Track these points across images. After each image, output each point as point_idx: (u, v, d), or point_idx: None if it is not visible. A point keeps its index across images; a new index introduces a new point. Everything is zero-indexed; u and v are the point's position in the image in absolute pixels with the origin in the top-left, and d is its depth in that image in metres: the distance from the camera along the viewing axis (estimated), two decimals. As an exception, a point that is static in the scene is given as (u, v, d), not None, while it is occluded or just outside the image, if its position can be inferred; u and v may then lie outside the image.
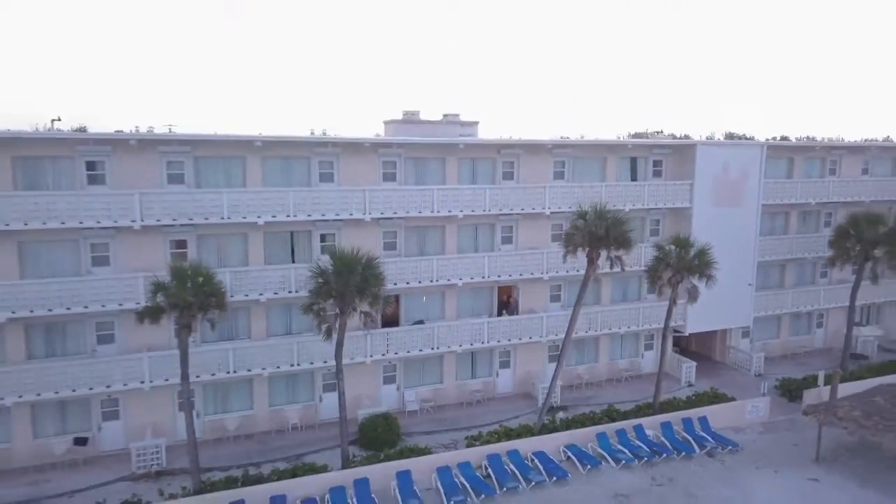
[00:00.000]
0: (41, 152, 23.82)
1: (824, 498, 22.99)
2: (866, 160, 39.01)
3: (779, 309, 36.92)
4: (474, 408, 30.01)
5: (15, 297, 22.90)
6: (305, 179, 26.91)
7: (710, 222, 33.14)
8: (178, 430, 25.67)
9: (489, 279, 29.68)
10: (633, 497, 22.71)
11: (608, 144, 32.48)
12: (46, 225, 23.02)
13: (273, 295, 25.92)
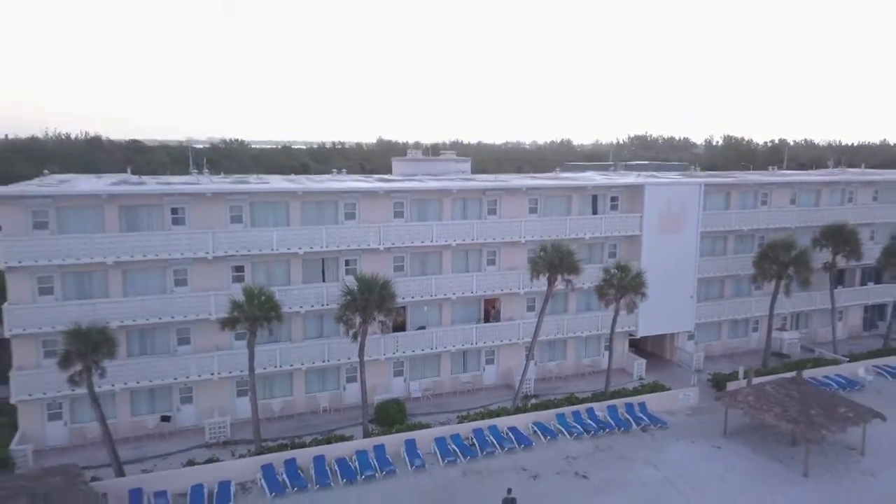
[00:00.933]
0: (138, 203, 31.85)
1: (722, 458, 31.00)
2: (794, 192, 46.93)
3: (718, 316, 44.88)
4: (465, 395, 38.01)
5: (121, 310, 30.96)
6: (333, 219, 34.93)
7: (657, 247, 41.14)
8: (238, 410, 33.77)
9: (477, 294, 37.72)
10: (579, 459, 30.70)
11: (573, 186, 40.38)
12: (144, 257, 31.13)
13: (310, 308, 33.98)
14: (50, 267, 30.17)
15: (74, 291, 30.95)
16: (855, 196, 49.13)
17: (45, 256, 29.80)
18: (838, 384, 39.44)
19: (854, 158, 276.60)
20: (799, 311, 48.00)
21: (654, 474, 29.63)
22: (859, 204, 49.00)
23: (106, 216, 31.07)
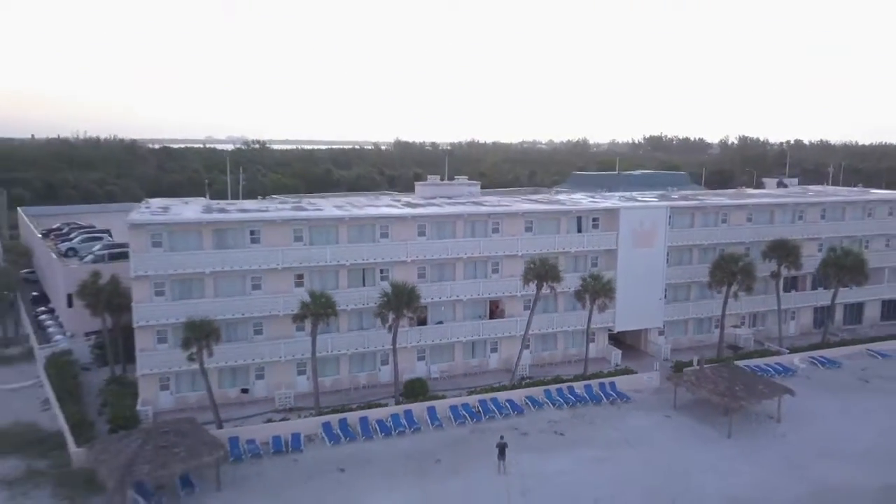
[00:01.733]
0: (225, 227, 42.24)
1: (669, 424, 40.80)
2: (749, 212, 56.38)
3: (684, 315, 54.51)
4: (473, 376, 48.03)
5: (213, 308, 41.33)
6: (371, 238, 45.10)
7: (631, 258, 50.88)
8: (298, 385, 44.07)
9: (483, 296, 47.78)
10: (559, 422, 40.66)
11: (561, 210, 50.20)
12: (231, 268, 41.56)
13: (353, 306, 44.18)
14: (163, 276, 40.67)
15: (180, 294, 41.45)
16: (805, 215, 58.47)
17: (160, 268, 40.33)
18: (775, 371, 48.98)
19: (867, 159, 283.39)
20: (756, 312, 57.40)
21: (615, 435, 39.53)
22: (808, 221, 58.38)
23: (203, 237, 41.52)
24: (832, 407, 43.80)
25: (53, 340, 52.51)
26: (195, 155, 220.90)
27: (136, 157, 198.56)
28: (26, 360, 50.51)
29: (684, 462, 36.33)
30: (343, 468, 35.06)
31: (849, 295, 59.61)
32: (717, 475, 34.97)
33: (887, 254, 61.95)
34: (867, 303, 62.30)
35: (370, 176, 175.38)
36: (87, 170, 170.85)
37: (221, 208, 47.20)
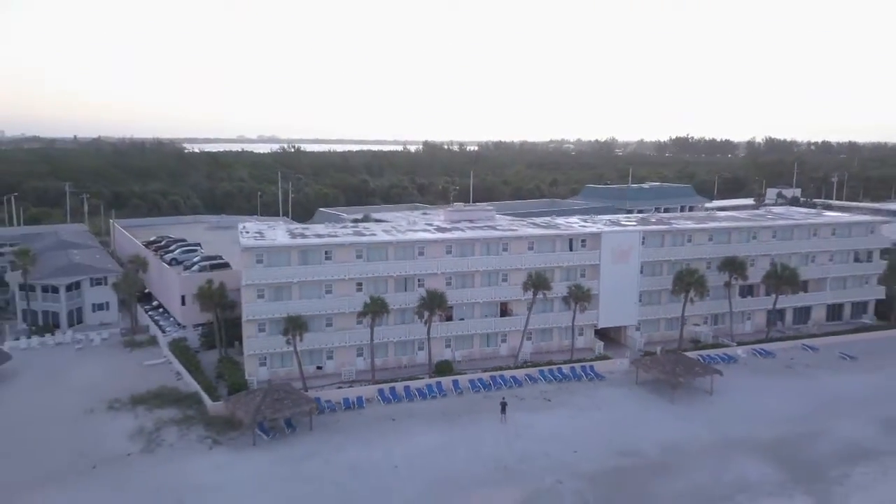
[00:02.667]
0: (306, 248, 58.68)
1: (630, 395, 56.06)
2: (710, 234, 71.17)
3: (656, 315, 69.45)
4: (487, 360, 63.75)
5: (298, 307, 57.72)
6: (412, 255, 61.15)
7: (611, 271, 66.14)
8: (357, 364, 60.32)
9: (495, 299, 63.52)
10: (547, 392, 56.28)
11: (555, 234, 65.62)
12: (311, 279, 58.01)
13: (397, 306, 60.25)
14: (263, 284, 57.22)
15: (275, 296, 57.94)
16: (758, 235, 73.05)
17: (261, 278, 56.90)
18: (721, 359, 63.87)
19: (886, 162, 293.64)
20: (716, 313, 72.04)
21: (588, 401, 55.01)
22: (761, 241, 72.93)
23: (291, 256, 58.04)
24: (756, 385, 58.71)
25: (167, 331, 69.59)
26: (238, 162, 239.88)
27: (187, 165, 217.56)
28: (151, 345, 67.65)
29: (634, 419, 51.74)
30: (394, 419, 51.20)
31: (797, 300, 74.35)
32: (655, 429, 50.28)
33: (830, 266, 76.06)
34: (814, 306, 76.50)
35: (402, 185, 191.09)
36: (147, 179, 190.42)
37: (301, 233, 63.74)
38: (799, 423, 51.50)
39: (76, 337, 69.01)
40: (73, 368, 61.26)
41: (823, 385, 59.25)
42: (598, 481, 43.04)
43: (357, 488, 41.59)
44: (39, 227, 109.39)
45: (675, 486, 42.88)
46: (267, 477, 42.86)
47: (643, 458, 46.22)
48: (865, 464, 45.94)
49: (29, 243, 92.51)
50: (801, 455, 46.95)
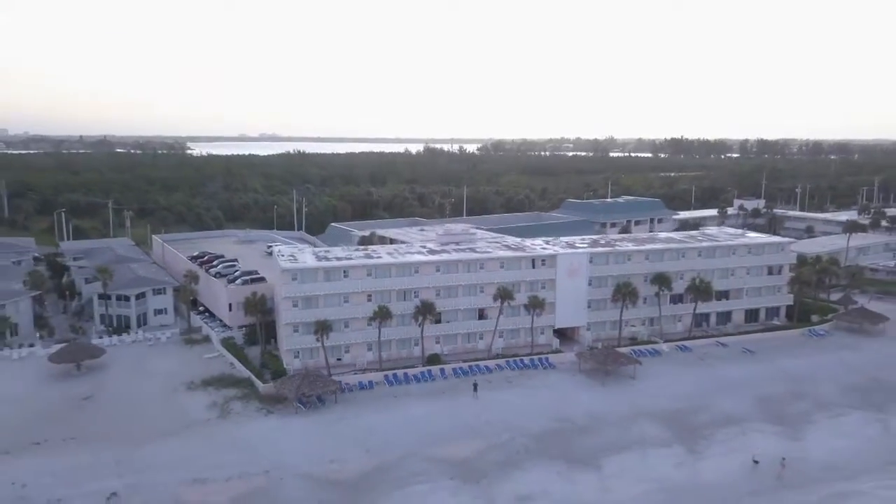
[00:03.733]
0: (330, 268, 78.13)
1: (572, 379, 75.47)
2: (647, 254, 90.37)
3: (602, 318, 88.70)
4: (468, 353, 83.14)
5: (324, 314, 77.04)
6: (409, 273, 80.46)
7: (566, 284, 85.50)
8: (367, 357, 79.71)
9: (474, 307, 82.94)
10: (511, 378, 75.69)
11: (522, 256, 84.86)
12: (333, 292, 77.44)
13: (399, 312, 79.46)
14: (297, 297, 76.61)
15: (305, 306, 77.30)
16: (686, 254, 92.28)
17: (295, 292, 76.30)
18: (649, 352, 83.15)
19: (865, 167, 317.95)
20: (652, 317, 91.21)
21: (540, 384, 74.38)
22: (688, 259, 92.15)
23: (318, 274, 77.39)
24: (670, 372, 78.06)
25: (216, 331, 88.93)
26: (251, 171, 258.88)
27: (204, 176, 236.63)
28: (205, 342, 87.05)
29: (572, 397, 71.10)
30: (395, 396, 70.67)
31: (719, 306, 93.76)
32: (586, 403, 69.63)
33: (746, 279, 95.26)
34: (734, 311, 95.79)
35: (403, 195, 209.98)
36: (169, 190, 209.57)
37: (324, 256, 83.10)
38: (692, 400, 70.87)
39: (146, 336, 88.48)
40: (151, 360, 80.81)
41: (721, 372, 78.61)
42: (539, 438, 62.44)
43: (370, 441, 61.00)
44: (94, 242, 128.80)
45: (592, 441, 62.32)
46: (307, 434, 62.34)
47: (573, 423, 65.62)
48: (730, 427, 65.42)
49: (90, 257, 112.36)
50: (686, 421, 66.36)
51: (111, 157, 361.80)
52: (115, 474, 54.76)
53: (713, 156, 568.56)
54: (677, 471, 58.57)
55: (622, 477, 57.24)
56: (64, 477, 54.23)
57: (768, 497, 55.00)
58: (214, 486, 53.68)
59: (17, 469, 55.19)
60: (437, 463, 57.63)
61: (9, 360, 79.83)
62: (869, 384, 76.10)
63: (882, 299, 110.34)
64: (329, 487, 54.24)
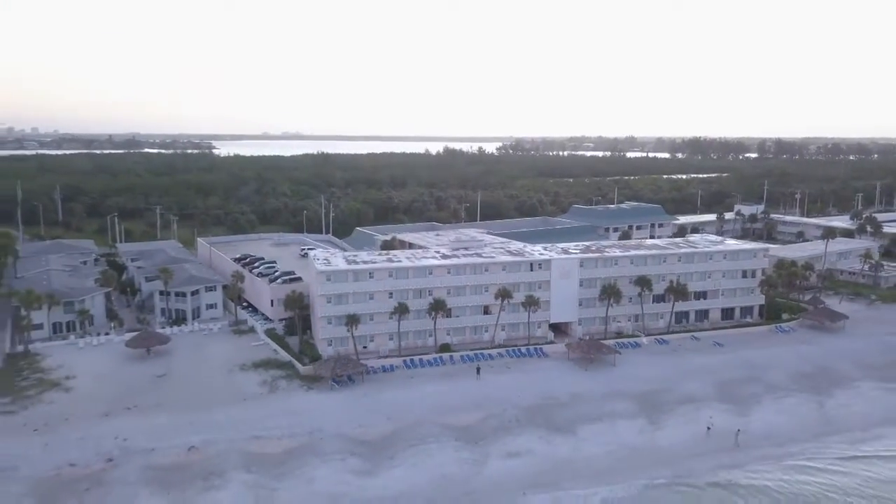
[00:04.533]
0: (365, 271, 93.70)
1: (562, 366, 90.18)
2: (632, 259, 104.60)
3: (592, 315, 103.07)
4: (474, 343, 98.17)
5: (353, 309, 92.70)
6: (424, 275, 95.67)
7: (559, 285, 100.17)
8: (389, 345, 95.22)
9: (479, 304, 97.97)
10: (510, 364, 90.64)
11: (522, 261, 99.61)
12: (360, 291, 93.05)
13: (415, 308, 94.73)
14: (330, 294, 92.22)
15: (337, 302, 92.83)
16: (667, 260, 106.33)
17: (328, 291, 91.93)
18: (630, 345, 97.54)
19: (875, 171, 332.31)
20: (636, 314, 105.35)
21: (534, 369, 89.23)
22: (668, 263, 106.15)
23: (348, 276, 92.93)
24: (646, 361, 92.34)
25: (259, 323, 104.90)
26: (280, 175, 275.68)
27: (237, 180, 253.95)
28: (251, 332, 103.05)
29: (559, 380, 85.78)
30: (412, 377, 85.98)
31: (698, 304, 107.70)
32: (570, 385, 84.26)
33: (722, 281, 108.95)
34: (711, 309, 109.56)
35: (422, 199, 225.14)
36: (205, 194, 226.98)
37: (353, 259, 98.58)
38: (661, 383, 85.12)
39: (200, 327, 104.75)
40: (207, 346, 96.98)
41: (690, 361, 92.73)
42: (528, 410, 77.22)
43: (390, 411, 76.27)
44: (147, 244, 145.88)
45: (571, 413, 76.98)
46: (340, 405, 77.83)
47: (557, 399, 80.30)
48: (688, 405, 79.73)
49: (145, 258, 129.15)
50: (651, 399, 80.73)
51: (145, 159, 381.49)
52: (192, 432, 70.66)
53: (732, 156, 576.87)
54: (638, 437, 73.20)
55: (592, 441, 72.02)
56: (153, 433, 70.25)
57: (707, 457, 69.38)
58: (270, 441, 69.36)
59: (117, 427, 71.42)
60: (444, 428, 72.75)
61: (91, 345, 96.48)
62: (815, 372, 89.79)
63: (854, 300, 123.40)
64: (358, 445, 69.58)
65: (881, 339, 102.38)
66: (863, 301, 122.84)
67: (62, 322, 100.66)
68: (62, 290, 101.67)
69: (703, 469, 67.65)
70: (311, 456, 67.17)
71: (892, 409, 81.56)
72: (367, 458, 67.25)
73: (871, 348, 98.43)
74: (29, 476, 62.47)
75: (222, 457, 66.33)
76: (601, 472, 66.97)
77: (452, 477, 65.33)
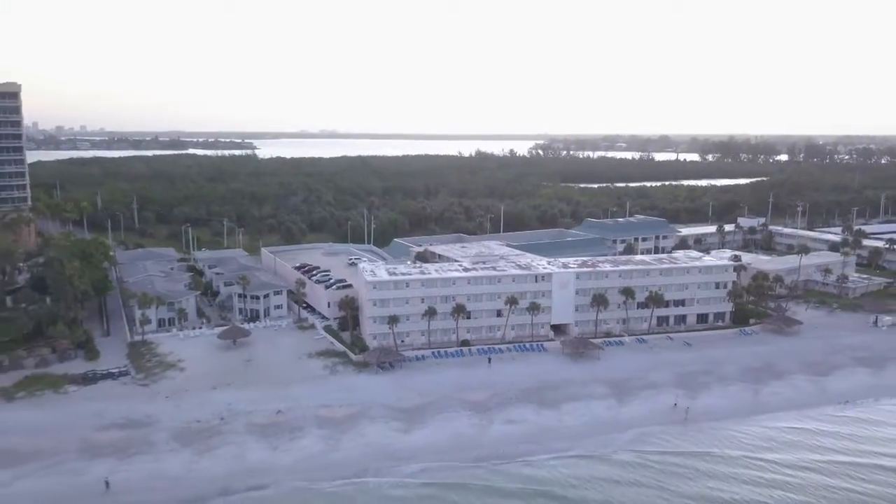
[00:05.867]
0: (403, 281, 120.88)
1: (557, 358, 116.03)
2: (620, 273, 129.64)
3: (586, 318, 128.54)
4: (489, 340, 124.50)
5: (393, 311, 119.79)
6: (450, 284, 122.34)
7: (559, 294, 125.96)
8: (417, 341, 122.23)
9: (494, 308, 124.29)
10: (515, 356, 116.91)
11: (528, 274, 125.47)
12: (399, 297, 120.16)
13: (441, 311, 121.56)
14: (376, 299, 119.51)
15: (381, 305, 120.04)
16: (650, 273, 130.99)
17: (375, 297, 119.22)
18: (616, 343, 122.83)
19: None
20: (623, 318, 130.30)
21: (534, 361, 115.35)
22: (650, 276, 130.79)
23: (389, 284, 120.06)
24: (626, 356, 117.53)
25: (318, 321, 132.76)
26: (324, 185, 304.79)
27: (287, 190, 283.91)
28: (311, 329, 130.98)
29: (553, 369, 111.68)
30: (438, 364, 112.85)
31: (677, 311, 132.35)
32: (561, 373, 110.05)
33: (697, 291, 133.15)
34: (688, 315, 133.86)
35: (452, 209, 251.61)
36: (259, 202, 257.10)
37: (393, 271, 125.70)
38: (632, 373, 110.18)
39: (271, 323, 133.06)
40: (279, 339, 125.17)
41: (661, 357, 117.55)
42: (525, 391, 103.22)
43: (421, 389, 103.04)
44: (220, 252, 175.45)
45: (558, 394, 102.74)
46: (383, 384, 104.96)
47: (548, 384, 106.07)
48: (650, 390, 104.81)
49: (220, 265, 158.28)
50: (622, 385, 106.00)
51: (196, 164, 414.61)
52: (278, 401, 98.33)
53: (762, 158, 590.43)
54: (606, 412, 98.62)
55: (571, 414, 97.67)
56: (249, 402, 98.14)
57: (655, 427, 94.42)
58: (333, 409, 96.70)
59: (223, 396, 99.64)
60: (460, 402, 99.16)
61: (189, 337, 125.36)
62: (761, 367, 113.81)
63: (818, 308, 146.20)
64: (397, 412, 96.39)
65: (827, 341, 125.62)
66: (826, 309, 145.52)
67: (165, 318, 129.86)
68: (165, 293, 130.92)
69: (652, 435, 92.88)
70: (363, 419, 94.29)
71: (813, 395, 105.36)
72: (403, 422, 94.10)
73: (814, 349, 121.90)
74: (169, 427, 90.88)
75: (300, 418, 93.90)
76: (574, 436, 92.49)
77: (465, 436, 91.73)
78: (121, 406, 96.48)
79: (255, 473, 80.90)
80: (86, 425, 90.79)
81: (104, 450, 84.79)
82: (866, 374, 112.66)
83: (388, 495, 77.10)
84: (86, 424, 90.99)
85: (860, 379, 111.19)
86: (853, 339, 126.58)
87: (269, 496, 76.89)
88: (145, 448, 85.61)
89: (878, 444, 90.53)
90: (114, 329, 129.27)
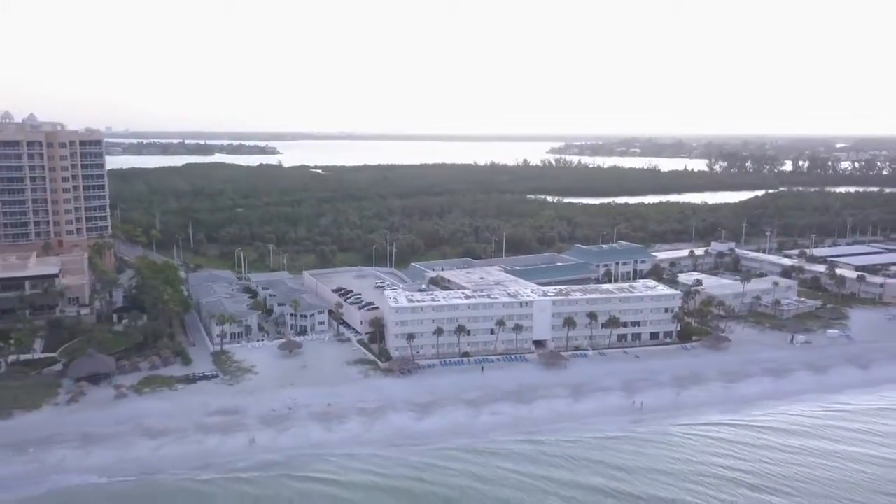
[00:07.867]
0: (420, 308, 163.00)
1: (536, 367, 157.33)
2: (589, 301, 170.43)
3: (560, 335, 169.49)
4: (484, 352, 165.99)
5: (412, 329, 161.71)
6: (454, 310, 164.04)
7: (539, 316, 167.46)
8: (430, 351, 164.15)
9: (488, 328, 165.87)
10: (503, 366, 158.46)
11: (518, 301, 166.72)
12: (416, 318, 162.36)
13: (447, 330, 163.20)
14: (398, 319, 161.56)
15: (402, 325, 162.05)
16: (611, 301, 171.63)
17: (398, 317, 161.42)
18: (582, 356, 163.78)
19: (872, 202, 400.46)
20: (590, 335, 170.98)
21: (517, 368, 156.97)
22: (612, 303, 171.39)
23: (409, 310, 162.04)
24: (588, 365, 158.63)
25: (353, 336, 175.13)
26: (351, 206, 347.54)
27: (318, 212, 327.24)
28: (348, 342, 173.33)
29: (529, 375, 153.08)
30: (444, 371, 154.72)
31: (633, 330, 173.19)
32: (535, 378, 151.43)
33: (649, 314, 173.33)
34: (642, 333, 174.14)
35: (463, 229, 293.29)
36: (293, 223, 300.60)
37: (411, 298, 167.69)
38: (589, 379, 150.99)
39: (316, 337, 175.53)
40: (324, 349, 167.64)
41: (614, 366, 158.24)
42: (507, 392, 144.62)
43: (432, 390, 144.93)
44: (271, 275, 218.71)
45: (531, 395, 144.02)
46: (406, 386, 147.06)
47: (526, 386, 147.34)
48: (600, 392, 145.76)
49: (272, 287, 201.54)
50: (580, 388, 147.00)
51: (230, 178, 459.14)
52: (328, 397, 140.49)
53: (767, 167, 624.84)
54: (564, 407, 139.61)
55: (539, 408, 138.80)
56: (307, 397, 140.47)
57: (599, 419, 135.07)
58: (367, 403, 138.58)
59: (289, 393, 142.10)
60: (460, 399, 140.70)
61: (255, 348, 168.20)
62: (688, 375, 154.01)
63: (753, 327, 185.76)
64: (413, 406, 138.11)
65: (747, 355, 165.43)
66: (759, 328, 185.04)
67: (235, 333, 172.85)
68: (235, 312, 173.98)
69: (598, 424, 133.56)
70: (389, 410, 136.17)
71: (720, 396, 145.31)
72: (418, 412, 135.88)
73: (734, 361, 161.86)
74: (255, 414, 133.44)
75: (345, 409, 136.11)
76: (540, 422, 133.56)
77: (461, 423, 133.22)
78: (217, 399, 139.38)
79: (317, 446, 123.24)
80: (197, 412, 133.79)
81: (213, 428, 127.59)
82: (769, 382, 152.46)
83: (406, 459, 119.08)
84: (196, 411, 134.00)
85: (763, 385, 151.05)
86: (769, 354, 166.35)
87: (327, 457, 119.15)
88: (241, 427, 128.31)
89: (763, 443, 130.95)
90: (195, 340, 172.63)
